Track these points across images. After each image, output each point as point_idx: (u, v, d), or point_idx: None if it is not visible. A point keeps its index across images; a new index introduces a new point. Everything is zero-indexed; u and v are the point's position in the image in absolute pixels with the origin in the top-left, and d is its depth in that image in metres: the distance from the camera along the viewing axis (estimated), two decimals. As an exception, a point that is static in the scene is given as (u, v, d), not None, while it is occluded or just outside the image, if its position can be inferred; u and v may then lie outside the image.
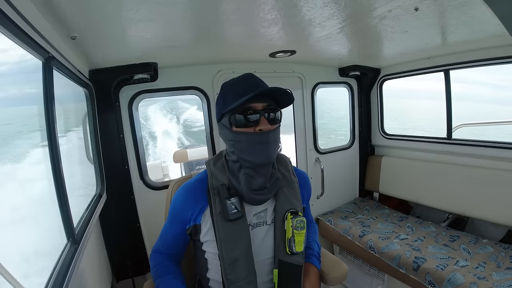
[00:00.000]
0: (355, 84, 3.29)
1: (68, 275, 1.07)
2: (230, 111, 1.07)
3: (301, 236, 1.14)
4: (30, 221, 1.53)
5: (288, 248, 1.15)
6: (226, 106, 1.09)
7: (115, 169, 2.20)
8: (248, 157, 1.07)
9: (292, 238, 1.14)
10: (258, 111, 1.06)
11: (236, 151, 1.10)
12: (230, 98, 1.08)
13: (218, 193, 1.13)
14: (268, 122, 1.07)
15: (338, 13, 1.42)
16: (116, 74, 2.02)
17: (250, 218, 1.16)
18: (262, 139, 1.06)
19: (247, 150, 1.07)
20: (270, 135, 1.07)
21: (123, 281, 2.37)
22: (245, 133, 1.07)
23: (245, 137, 1.07)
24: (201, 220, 1.16)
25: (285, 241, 1.16)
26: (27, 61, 1.09)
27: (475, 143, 2.56)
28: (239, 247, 1.10)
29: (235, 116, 1.07)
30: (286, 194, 1.23)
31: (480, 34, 1.89)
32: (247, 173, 1.10)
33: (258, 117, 1.06)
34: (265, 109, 1.07)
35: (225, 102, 1.11)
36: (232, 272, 1.09)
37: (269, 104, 1.08)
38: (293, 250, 1.15)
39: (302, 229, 1.14)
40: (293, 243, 1.14)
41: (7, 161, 2.06)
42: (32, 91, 1.19)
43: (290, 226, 1.14)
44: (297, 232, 1.14)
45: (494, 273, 1.88)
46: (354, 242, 2.60)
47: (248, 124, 1.06)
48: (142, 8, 1.14)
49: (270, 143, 1.08)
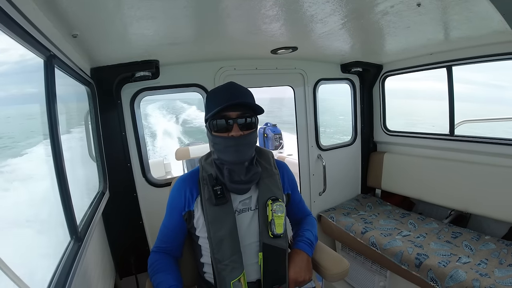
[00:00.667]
0: (357, 80, 3.28)
1: (72, 272, 1.08)
2: (210, 117, 1.23)
3: (280, 219, 1.30)
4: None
5: (270, 230, 1.30)
6: (209, 111, 1.24)
7: (117, 167, 2.21)
8: (224, 157, 1.26)
9: (272, 220, 1.29)
10: (232, 118, 1.22)
11: (216, 151, 1.29)
12: (212, 105, 1.24)
13: (206, 183, 1.30)
14: (240, 128, 1.23)
15: (340, 9, 1.41)
16: (118, 71, 2.02)
17: (236, 205, 1.33)
18: (233, 143, 1.22)
19: (223, 151, 1.26)
20: (241, 139, 1.23)
21: (126, 278, 2.38)
22: (221, 137, 1.24)
23: (220, 140, 1.24)
24: (194, 207, 1.32)
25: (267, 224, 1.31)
26: (28, 60, 1.09)
27: (478, 139, 2.55)
28: (224, 228, 1.25)
29: (212, 122, 1.24)
30: (267, 184, 1.38)
31: (483, 30, 1.88)
32: (228, 168, 1.28)
33: (232, 124, 1.22)
34: (239, 117, 1.23)
35: (208, 108, 1.27)
36: (219, 251, 1.24)
37: (243, 112, 1.23)
38: (274, 232, 1.29)
39: (281, 212, 1.30)
40: (273, 225, 1.29)
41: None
42: (35, 90, 1.20)
43: (270, 210, 1.30)
44: (276, 215, 1.29)
45: (496, 270, 1.88)
46: (356, 239, 2.60)
47: (222, 129, 1.23)
48: (143, 5, 1.14)
49: (241, 145, 1.24)
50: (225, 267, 1.23)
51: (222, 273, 1.23)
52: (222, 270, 1.23)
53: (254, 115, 1.27)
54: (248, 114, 1.24)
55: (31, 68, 1.17)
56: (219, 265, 1.23)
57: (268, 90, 2.33)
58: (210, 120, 1.24)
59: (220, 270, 1.23)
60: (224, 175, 1.28)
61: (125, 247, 2.31)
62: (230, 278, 1.22)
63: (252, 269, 1.31)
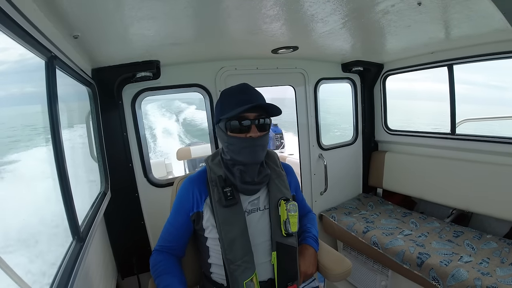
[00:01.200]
0: (358, 79, 3.28)
1: (74, 272, 1.09)
2: (226, 118, 1.23)
3: (294, 218, 1.32)
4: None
5: (284, 229, 1.32)
6: (224, 112, 1.25)
7: (119, 167, 2.22)
8: (239, 158, 1.27)
9: (287, 220, 1.31)
10: (250, 120, 1.23)
11: (229, 152, 1.29)
12: (228, 106, 1.25)
13: (216, 184, 1.31)
14: (258, 129, 1.25)
15: (340, 8, 1.41)
16: (119, 72, 2.02)
17: (245, 205, 1.34)
18: (251, 144, 1.24)
19: (238, 152, 1.26)
20: (258, 140, 1.25)
21: (128, 278, 2.39)
22: (238, 138, 1.25)
23: (237, 141, 1.25)
24: (203, 208, 1.33)
25: (281, 224, 1.33)
26: (28, 59, 1.09)
27: (479, 138, 2.54)
28: (235, 229, 1.27)
29: (231, 123, 1.24)
30: (277, 184, 1.41)
31: (483, 28, 1.87)
32: (240, 169, 1.29)
33: (250, 125, 1.23)
34: (256, 118, 1.24)
35: (223, 109, 1.27)
36: (231, 252, 1.25)
37: (259, 114, 1.25)
38: (289, 231, 1.31)
39: (295, 212, 1.32)
40: (288, 224, 1.30)
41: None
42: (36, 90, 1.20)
43: (285, 210, 1.31)
44: (291, 214, 1.31)
45: (498, 269, 1.88)
46: (357, 238, 2.60)
47: (240, 131, 1.24)
48: (144, 5, 1.14)
49: (257, 146, 1.26)
50: (238, 268, 1.24)
51: (235, 274, 1.24)
52: (235, 270, 1.24)
53: (268, 117, 1.29)
54: (263, 116, 1.27)
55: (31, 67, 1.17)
56: (231, 265, 1.24)
57: (269, 90, 2.34)
58: (226, 121, 1.24)
59: (233, 271, 1.24)
60: (235, 176, 1.30)
61: (127, 247, 2.31)
62: (242, 278, 1.23)
63: (263, 268, 1.32)
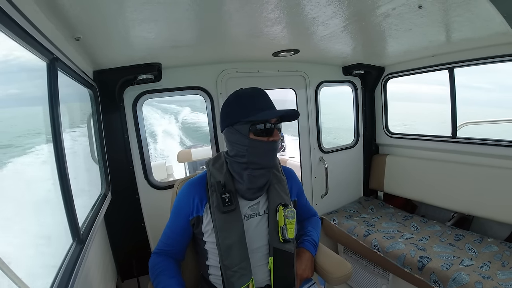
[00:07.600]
0: (359, 82, 3.28)
1: (74, 274, 1.08)
2: (251, 121, 1.23)
3: (292, 224, 1.31)
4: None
5: (281, 235, 1.32)
6: (244, 115, 1.24)
7: (120, 169, 2.22)
8: (261, 161, 1.26)
9: (284, 226, 1.31)
10: (272, 124, 1.25)
11: (250, 155, 1.25)
12: (249, 109, 1.24)
13: (215, 190, 1.30)
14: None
15: (341, 12, 1.41)
16: (120, 74, 2.03)
17: (245, 210, 1.34)
18: (273, 147, 1.27)
19: (261, 155, 1.25)
20: (276, 144, 1.28)
21: (128, 280, 2.38)
22: (261, 141, 1.24)
23: (260, 144, 1.24)
24: (203, 213, 1.32)
25: (278, 230, 1.33)
26: (30, 61, 1.09)
27: (480, 141, 2.54)
28: (233, 235, 1.26)
29: (257, 126, 1.23)
30: (277, 189, 1.41)
31: (484, 31, 1.87)
32: (250, 174, 1.28)
33: (273, 128, 1.25)
34: (276, 123, 1.27)
35: (243, 111, 1.25)
36: (228, 258, 1.25)
37: (278, 119, 1.28)
38: (286, 237, 1.31)
39: (292, 218, 1.31)
40: (285, 230, 1.30)
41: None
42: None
43: (283, 216, 1.31)
44: (288, 220, 1.30)
45: (499, 272, 1.87)
46: (358, 242, 2.59)
47: (266, 134, 1.25)
48: (146, 8, 1.14)
49: (276, 150, 1.29)
50: (234, 274, 1.24)
51: (231, 280, 1.24)
52: (231, 276, 1.24)
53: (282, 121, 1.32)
54: (279, 121, 1.29)
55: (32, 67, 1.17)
56: (228, 271, 1.25)
57: (270, 93, 2.32)
58: (252, 124, 1.23)
59: (229, 277, 1.24)
60: (244, 180, 1.30)
61: (127, 250, 2.31)
62: (239, 284, 1.24)
63: (261, 274, 1.33)
